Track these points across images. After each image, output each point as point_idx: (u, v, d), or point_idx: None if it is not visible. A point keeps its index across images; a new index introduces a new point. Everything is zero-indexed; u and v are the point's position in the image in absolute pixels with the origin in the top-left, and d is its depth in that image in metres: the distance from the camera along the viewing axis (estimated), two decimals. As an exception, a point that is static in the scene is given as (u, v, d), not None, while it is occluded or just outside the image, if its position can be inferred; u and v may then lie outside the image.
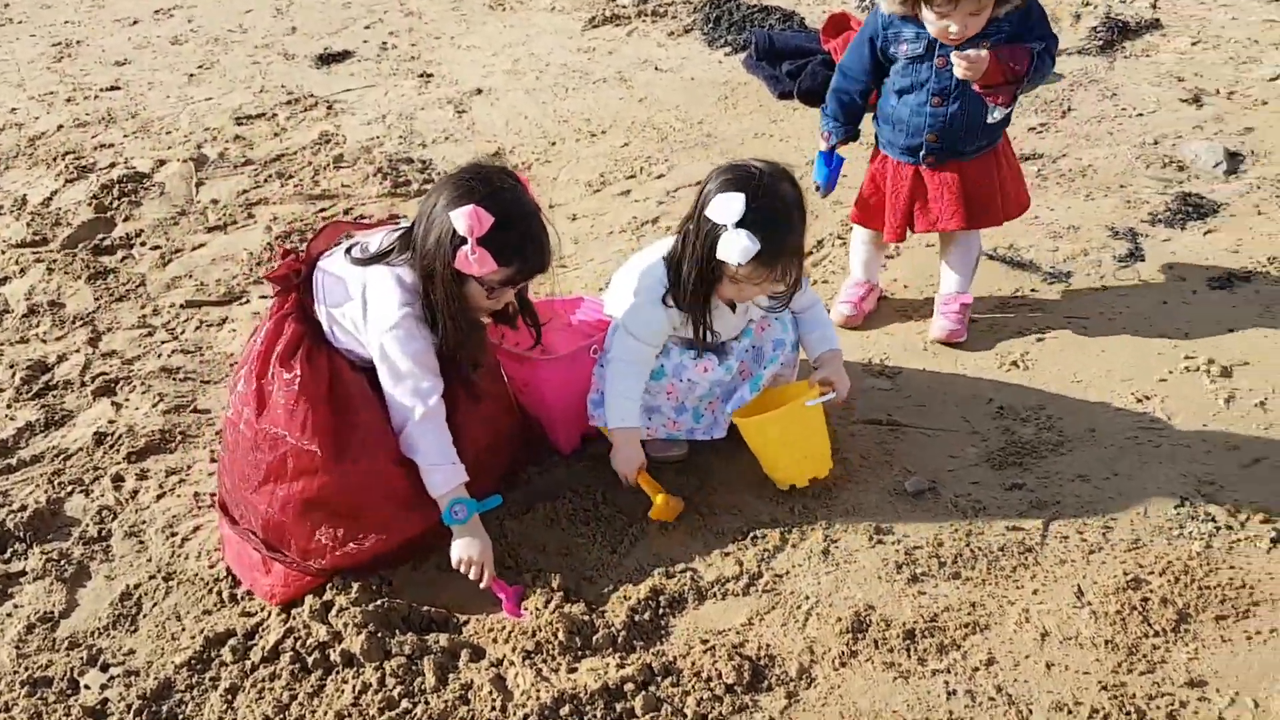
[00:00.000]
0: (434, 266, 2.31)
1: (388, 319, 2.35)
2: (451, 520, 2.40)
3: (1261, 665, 2.14)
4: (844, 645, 2.24)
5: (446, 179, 2.37)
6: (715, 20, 5.68)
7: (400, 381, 2.39)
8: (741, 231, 2.29)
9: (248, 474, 2.45)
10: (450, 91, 5.10)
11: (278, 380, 2.43)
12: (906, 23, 2.86)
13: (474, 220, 2.21)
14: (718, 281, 2.44)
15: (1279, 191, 3.87)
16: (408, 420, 2.40)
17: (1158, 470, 2.66)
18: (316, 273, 2.51)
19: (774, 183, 2.37)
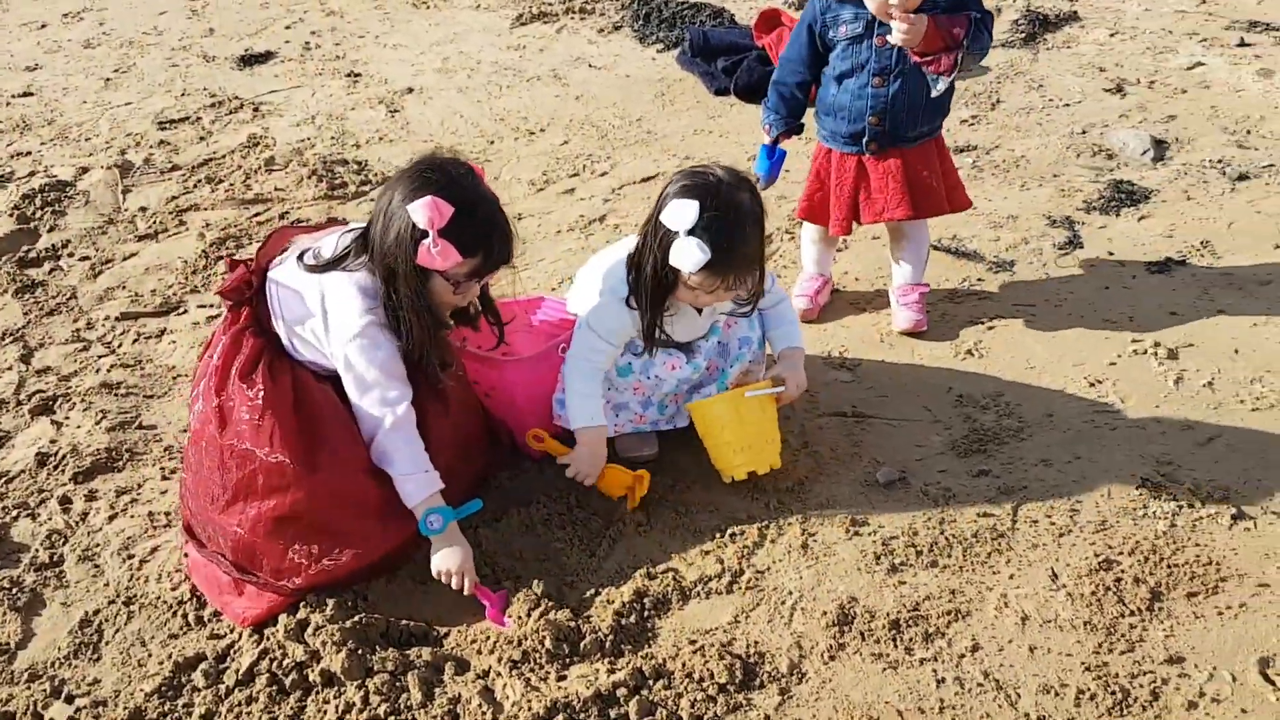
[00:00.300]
0: (395, 265, 2.24)
1: (350, 328, 2.28)
2: (428, 531, 2.34)
3: (1235, 639, 2.20)
4: (831, 639, 2.24)
5: (400, 173, 2.28)
6: (645, 17, 5.68)
7: (367, 391, 2.32)
8: (692, 240, 2.26)
9: (215, 494, 2.36)
10: (380, 91, 5.00)
11: (239, 397, 2.34)
12: (844, 4, 2.89)
13: (433, 211, 2.15)
14: (674, 287, 2.41)
15: (1205, 177, 4.00)
16: (377, 430, 2.33)
17: (1116, 452, 2.72)
18: (269, 284, 2.41)
19: (731, 191, 2.33)
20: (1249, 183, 3.95)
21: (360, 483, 2.34)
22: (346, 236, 2.37)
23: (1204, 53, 5.12)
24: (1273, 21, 5.43)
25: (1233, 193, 3.89)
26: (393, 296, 2.28)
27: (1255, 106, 4.56)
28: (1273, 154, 4.15)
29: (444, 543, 2.35)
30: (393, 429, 2.32)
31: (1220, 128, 4.38)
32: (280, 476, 2.29)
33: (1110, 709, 2.08)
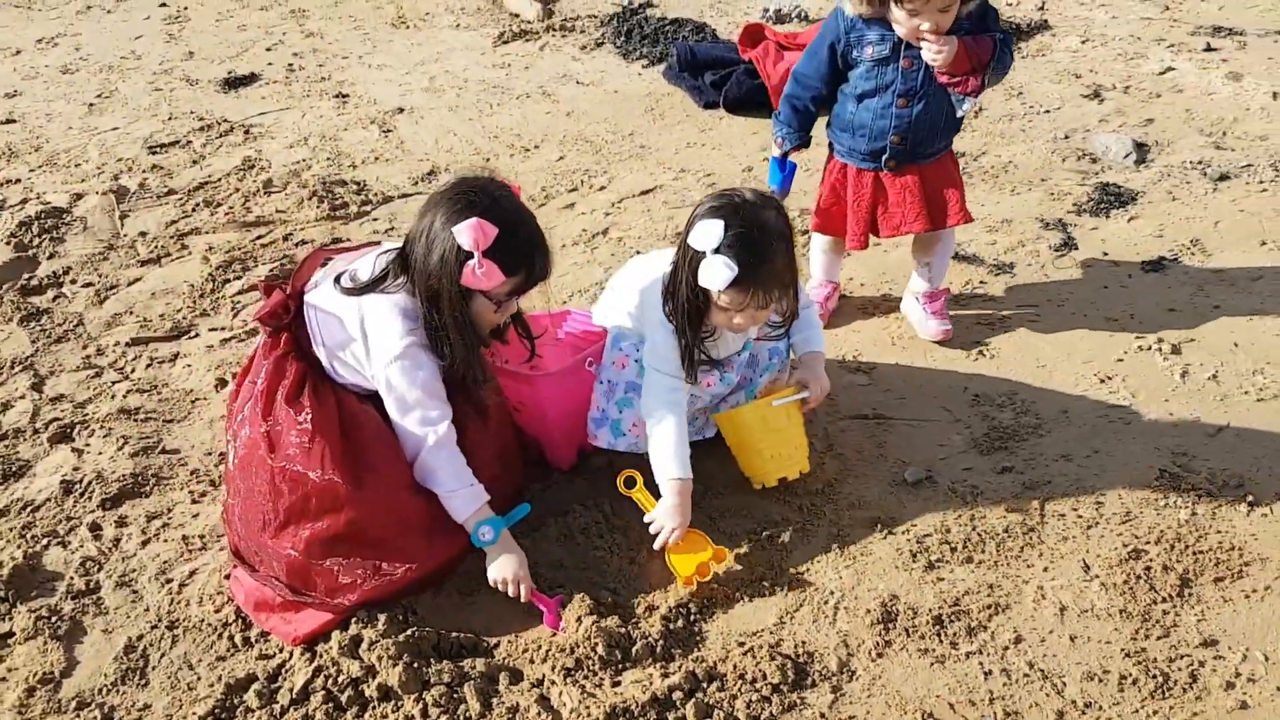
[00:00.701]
0: (439, 286, 2.26)
1: (391, 350, 2.30)
2: (480, 542, 2.36)
3: (1264, 621, 2.28)
4: (877, 636, 2.29)
5: (439, 196, 2.30)
6: (626, 34, 5.73)
7: (408, 412, 2.34)
8: (719, 257, 2.30)
9: (266, 519, 2.35)
10: (371, 111, 5.01)
11: (287, 421, 2.34)
12: (870, 25, 2.89)
13: (479, 233, 2.18)
14: (707, 309, 2.44)
15: (1188, 178, 4.13)
16: (420, 449, 2.35)
17: (1133, 445, 2.80)
18: (307, 308, 2.42)
19: (756, 210, 2.36)
20: (1230, 182, 4.08)
21: (408, 500, 2.36)
22: (383, 258, 2.38)
23: (1173, 58, 5.28)
24: (1235, 26, 5.61)
25: (1215, 193, 4.02)
26: (435, 317, 2.30)
27: (1228, 109, 4.70)
28: (1249, 154, 4.28)
29: (499, 551, 2.37)
30: (435, 447, 2.34)
31: (1197, 130, 4.52)
32: (333, 498, 2.30)
33: (1152, 693, 2.14)
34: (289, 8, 6.58)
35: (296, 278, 2.46)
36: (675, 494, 2.48)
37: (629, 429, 2.67)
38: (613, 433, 2.68)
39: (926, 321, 3.25)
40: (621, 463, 2.78)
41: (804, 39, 5.17)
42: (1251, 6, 5.92)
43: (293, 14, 6.46)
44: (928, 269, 3.26)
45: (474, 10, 6.41)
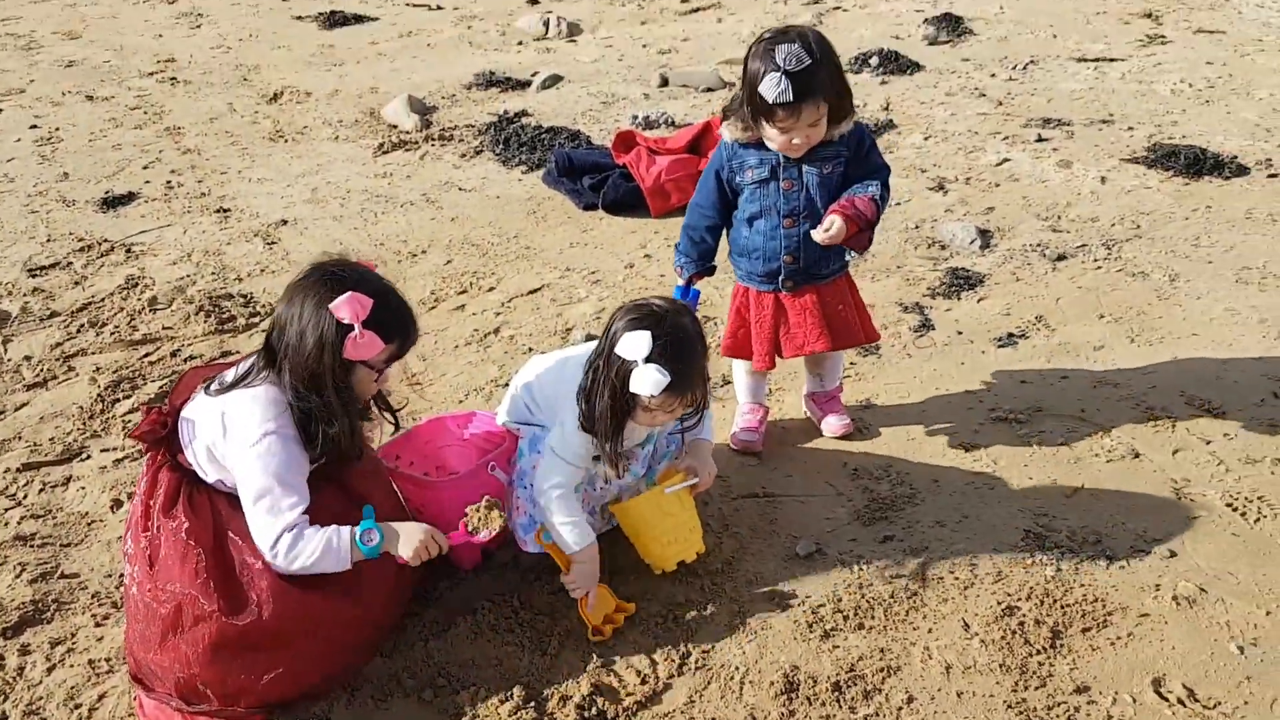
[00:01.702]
0: (319, 366, 2.35)
1: (249, 437, 2.35)
2: (371, 548, 2.40)
3: (1129, 665, 2.50)
4: (781, 707, 2.42)
5: (302, 283, 2.39)
6: (504, 142, 5.95)
7: (259, 499, 2.35)
8: (651, 366, 2.46)
9: (147, 636, 2.38)
10: (254, 224, 5.06)
11: (164, 532, 2.39)
12: (749, 149, 2.97)
13: (356, 305, 2.30)
14: (631, 411, 2.58)
15: (1029, 260, 4.50)
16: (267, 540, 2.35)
17: (999, 509, 3.04)
18: (181, 422, 2.48)
19: (674, 317, 2.54)
20: (1067, 262, 4.46)
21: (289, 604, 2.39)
22: (246, 363, 2.48)
23: (1008, 149, 5.75)
24: (1063, 117, 6.15)
25: (1054, 272, 4.39)
26: (316, 398, 2.38)
27: (1060, 194, 5.15)
28: (1083, 235, 4.70)
29: (393, 535, 2.45)
30: (288, 532, 2.34)
31: (1034, 215, 4.93)
32: (207, 606, 2.34)
33: (1034, 739, 2.32)
34: (163, 125, 6.60)
35: (174, 396, 2.53)
36: (582, 560, 2.65)
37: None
38: (545, 537, 2.74)
39: (827, 420, 3.36)
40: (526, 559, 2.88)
41: (672, 143, 5.48)
42: (1077, 99, 6.50)
43: (168, 131, 6.49)
44: (819, 378, 3.38)
45: (351, 123, 6.55)
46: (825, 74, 2.73)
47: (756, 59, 2.75)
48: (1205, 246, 4.55)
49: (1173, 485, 3.09)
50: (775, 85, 2.68)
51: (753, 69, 2.76)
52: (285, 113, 6.83)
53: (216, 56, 8.23)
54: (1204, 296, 4.13)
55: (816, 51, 2.71)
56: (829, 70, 2.76)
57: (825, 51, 2.75)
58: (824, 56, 2.73)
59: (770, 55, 2.70)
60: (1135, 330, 3.92)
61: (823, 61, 2.72)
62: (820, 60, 2.71)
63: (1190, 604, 2.66)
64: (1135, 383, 3.59)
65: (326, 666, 2.46)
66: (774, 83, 2.68)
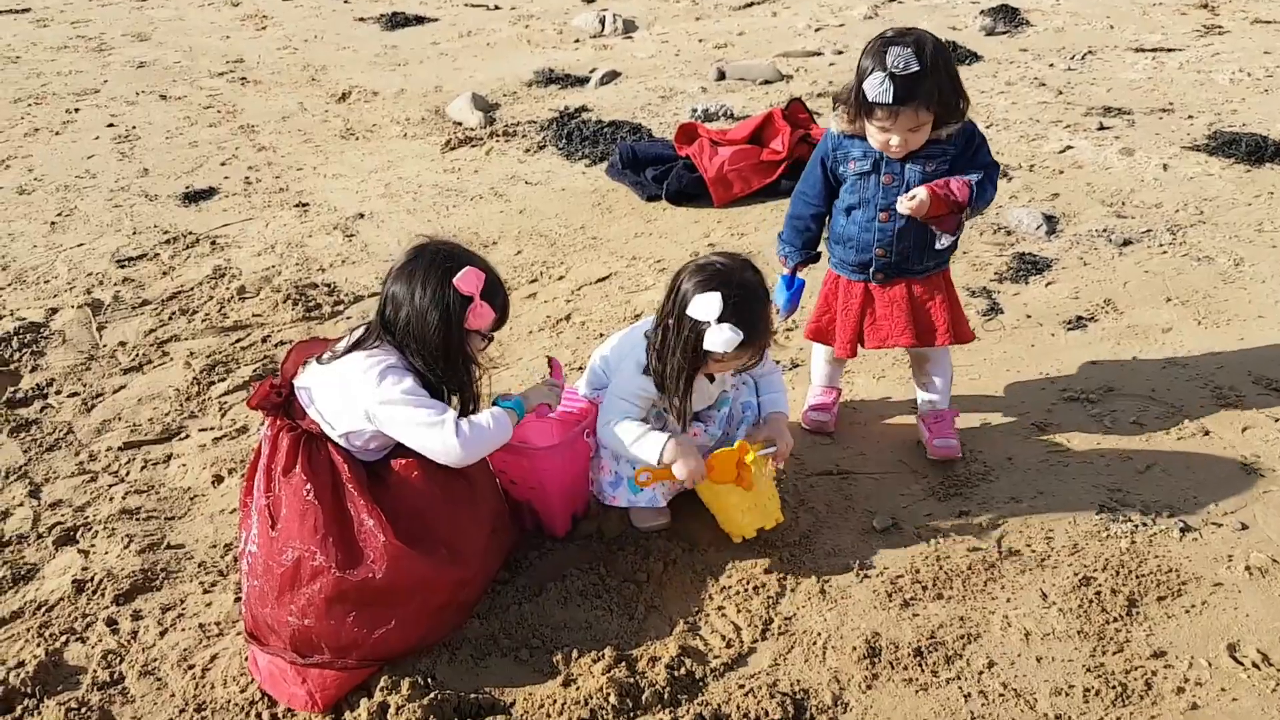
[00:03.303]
0: (446, 338, 2.54)
1: (369, 380, 2.52)
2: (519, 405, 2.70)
3: (1204, 632, 2.55)
4: (865, 670, 2.50)
5: (414, 264, 2.57)
6: (567, 137, 6.07)
7: (415, 425, 2.52)
8: (725, 325, 2.58)
9: (265, 591, 2.52)
10: (332, 218, 5.23)
11: (285, 490, 2.54)
12: (854, 141, 2.95)
13: (477, 279, 2.53)
14: (703, 365, 2.71)
15: (1095, 245, 4.53)
16: (449, 445, 2.52)
17: (1073, 485, 3.09)
18: (297, 391, 2.65)
19: (740, 275, 2.66)
20: (1133, 247, 4.49)
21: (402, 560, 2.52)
22: (355, 333, 2.66)
23: (1070, 137, 5.77)
24: (1123, 106, 6.16)
25: (1121, 257, 4.42)
26: (442, 369, 2.57)
27: (1124, 181, 5.17)
28: (1148, 220, 4.72)
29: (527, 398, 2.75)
30: (458, 430, 2.52)
31: (1099, 201, 4.96)
32: (326, 562, 2.47)
33: (1113, 701, 2.38)
34: (238, 124, 6.82)
35: (285, 368, 2.71)
36: (674, 457, 2.77)
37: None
38: (631, 490, 2.89)
39: (933, 442, 3.23)
40: (610, 530, 2.98)
41: (734, 135, 5.56)
42: (1136, 88, 6.50)
43: (242, 129, 6.69)
44: (925, 389, 3.30)
45: (418, 121, 6.71)
46: (932, 83, 2.69)
47: (869, 56, 2.74)
48: (1269, 232, 4.55)
49: (1242, 461, 3.12)
50: (878, 85, 2.68)
51: (863, 65, 2.75)
52: (354, 111, 7.01)
53: (284, 57, 8.46)
54: (1269, 280, 4.14)
55: (928, 58, 2.67)
56: (938, 79, 2.71)
57: (938, 60, 2.70)
58: (935, 65, 2.68)
59: (881, 55, 2.68)
60: (1202, 313, 3.94)
61: (931, 70, 2.67)
62: (929, 69, 2.66)
63: (1263, 574, 2.70)
64: (1203, 363, 3.62)
65: (430, 625, 2.58)
66: (878, 82, 2.68)
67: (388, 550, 2.50)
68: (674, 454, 2.77)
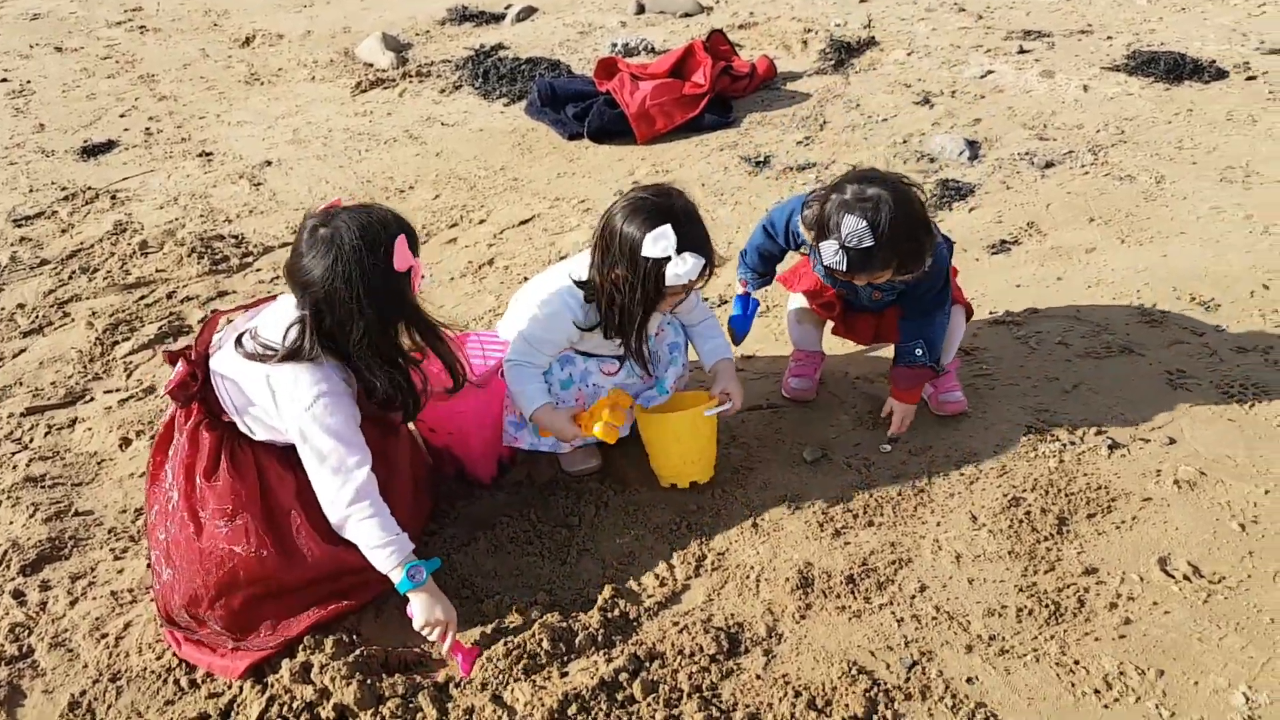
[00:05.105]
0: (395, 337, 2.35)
1: (302, 400, 2.29)
2: (413, 584, 2.32)
3: (1135, 547, 2.56)
4: (798, 601, 2.48)
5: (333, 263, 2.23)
6: (484, 75, 5.90)
7: (324, 461, 2.31)
8: (686, 255, 2.50)
9: (198, 594, 2.39)
10: (238, 167, 5.02)
11: (208, 497, 2.40)
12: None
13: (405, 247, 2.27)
14: (660, 302, 2.63)
15: (1017, 169, 4.52)
16: (338, 501, 2.32)
17: (1000, 407, 3.09)
18: (213, 375, 2.43)
19: (676, 201, 2.57)
20: (1055, 169, 4.49)
21: (338, 550, 2.43)
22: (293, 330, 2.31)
23: (991, 62, 5.74)
24: (1043, 29, 6.14)
25: (1043, 179, 4.42)
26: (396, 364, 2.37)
27: (1045, 104, 5.16)
28: (1069, 142, 4.72)
29: (428, 593, 2.34)
30: (356, 499, 2.30)
31: (1020, 125, 4.95)
32: (261, 567, 2.37)
33: (1046, 620, 2.38)
34: (137, 74, 6.52)
35: (198, 343, 2.48)
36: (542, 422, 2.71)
37: None
38: (534, 433, 2.82)
39: (938, 397, 3.11)
40: (540, 475, 2.92)
41: (655, 69, 5.44)
42: (1055, 10, 6.48)
43: (141, 80, 6.41)
44: None
45: (326, 63, 6.47)
46: (889, 253, 2.60)
47: (834, 209, 2.62)
48: (1188, 149, 4.58)
49: (1168, 377, 3.14)
50: (833, 254, 2.62)
51: (827, 215, 2.64)
52: (259, 56, 6.74)
53: (184, 3, 8.11)
54: (1190, 197, 4.17)
55: (884, 231, 2.56)
56: (895, 247, 2.60)
57: (897, 227, 2.57)
58: (894, 235, 2.57)
59: (840, 222, 2.58)
60: (1125, 231, 3.95)
61: (889, 242, 2.57)
62: (883, 244, 2.57)
63: (1191, 487, 2.72)
64: (1127, 281, 3.63)
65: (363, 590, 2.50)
66: (833, 251, 2.62)
67: (320, 552, 2.41)
68: (542, 418, 2.71)
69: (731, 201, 4.46)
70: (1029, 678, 2.24)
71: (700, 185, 4.62)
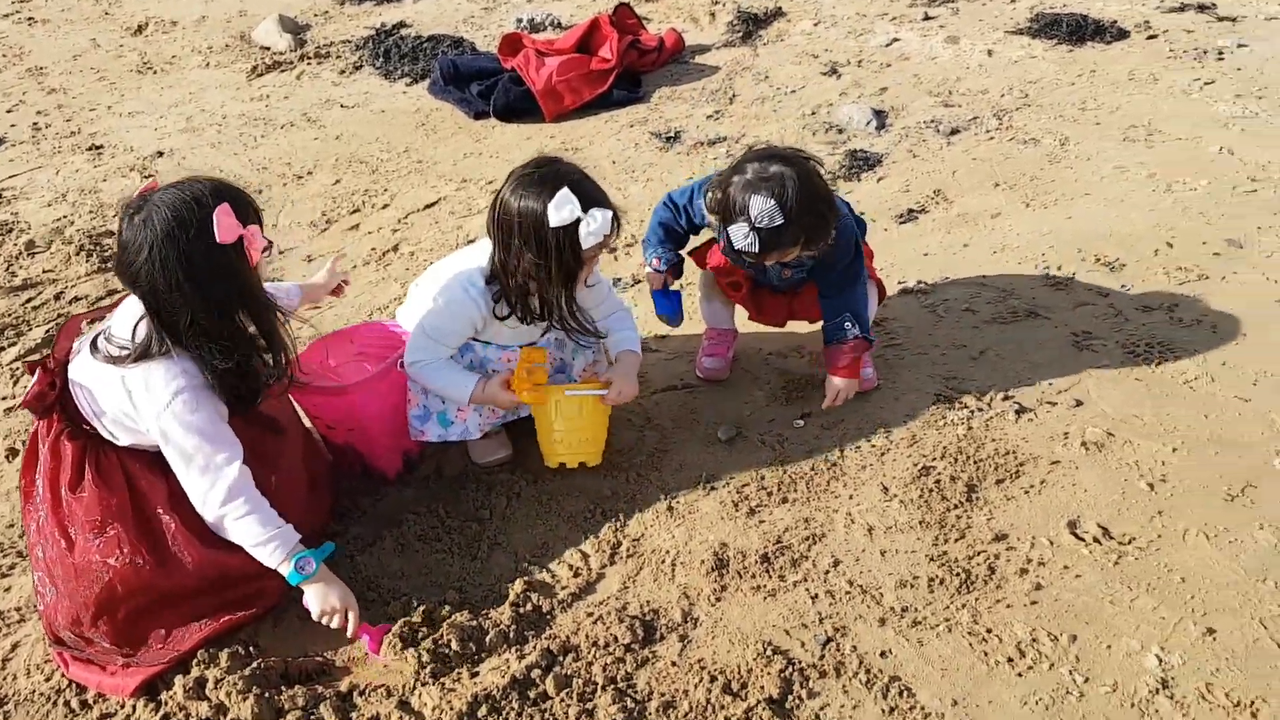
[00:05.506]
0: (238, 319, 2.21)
1: (159, 400, 2.18)
2: (302, 578, 2.26)
3: (1044, 511, 2.57)
4: (713, 583, 2.44)
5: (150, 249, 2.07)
6: (385, 54, 5.74)
7: (190, 461, 2.21)
8: (594, 210, 2.43)
9: (79, 614, 2.28)
10: (129, 159, 4.82)
11: (75, 509, 2.28)
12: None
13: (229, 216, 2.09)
14: (581, 270, 2.55)
15: (924, 137, 4.52)
16: (212, 502, 2.23)
17: (909, 375, 3.08)
18: (71, 384, 2.30)
19: (562, 166, 2.51)
20: (961, 135, 4.50)
21: (221, 555, 2.31)
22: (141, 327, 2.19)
23: (896, 29, 5.74)
24: (947, -5, 6.16)
25: (949, 146, 4.43)
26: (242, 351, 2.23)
27: (950, 70, 5.17)
28: (974, 107, 4.74)
29: (320, 581, 2.30)
30: (229, 497, 2.22)
31: (926, 92, 4.95)
32: (138, 578, 2.26)
33: (958, 589, 2.38)
34: (24, 67, 6.22)
35: (56, 350, 2.35)
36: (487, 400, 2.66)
37: (456, 415, 2.73)
38: (441, 424, 2.74)
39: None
40: (450, 468, 2.85)
41: (561, 44, 5.35)
42: (959, -24, 6.50)
43: (30, 73, 6.12)
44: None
45: (222, 48, 6.25)
46: (798, 228, 2.57)
47: (738, 191, 2.58)
48: (1092, 109, 4.62)
49: (1074, 338, 3.17)
50: (743, 236, 2.57)
51: (732, 199, 2.59)
52: (152, 44, 6.49)
53: (71, -9, 7.76)
54: (1094, 157, 4.21)
55: (791, 207, 2.53)
56: (804, 222, 2.58)
57: (803, 203, 2.55)
58: (801, 210, 2.55)
59: (747, 203, 2.54)
60: (1030, 195, 3.98)
61: (797, 218, 2.55)
62: (793, 219, 2.54)
63: (1099, 448, 2.74)
64: (1033, 245, 3.65)
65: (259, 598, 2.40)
66: (743, 234, 2.57)
67: (199, 557, 2.30)
68: (485, 400, 2.66)
69: (643, 178, 4.39)
70: (942, 649, 2.23)
71: (611, 162, 4.55)
